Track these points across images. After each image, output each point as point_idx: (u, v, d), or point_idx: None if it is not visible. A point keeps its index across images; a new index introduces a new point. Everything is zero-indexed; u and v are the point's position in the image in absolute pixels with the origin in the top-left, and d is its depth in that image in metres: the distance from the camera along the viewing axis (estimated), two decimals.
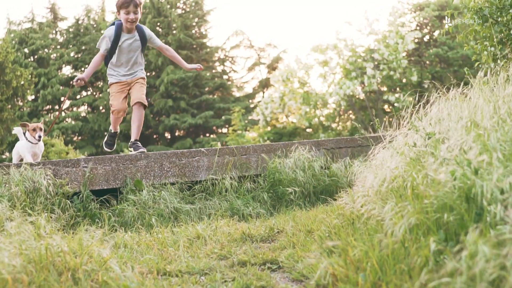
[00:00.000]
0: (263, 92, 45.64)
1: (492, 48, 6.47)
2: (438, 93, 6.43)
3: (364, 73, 27.79)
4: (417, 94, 6.45)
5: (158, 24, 42.74)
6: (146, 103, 7.79)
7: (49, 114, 43.34)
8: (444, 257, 2.69)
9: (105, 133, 42.21)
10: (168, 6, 42.89)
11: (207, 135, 42.22)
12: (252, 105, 43.84)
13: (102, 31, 44.03)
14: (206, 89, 42.48)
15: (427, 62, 29.89)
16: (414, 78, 27.23)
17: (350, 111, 31.80)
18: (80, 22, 45.13)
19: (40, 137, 7.40)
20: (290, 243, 4.50)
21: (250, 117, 40.02)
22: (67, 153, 21.79)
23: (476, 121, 3.73)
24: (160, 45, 7.87)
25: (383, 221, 3.41)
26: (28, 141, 7.45)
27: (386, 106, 31.28)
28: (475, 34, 6.68)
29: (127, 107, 7.79)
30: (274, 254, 4.19)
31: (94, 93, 43.67)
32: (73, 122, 41.03)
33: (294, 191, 7.32)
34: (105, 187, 6.86)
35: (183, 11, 44.60)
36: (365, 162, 8.09)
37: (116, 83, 7.73)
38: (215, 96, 42.66)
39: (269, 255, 4.16)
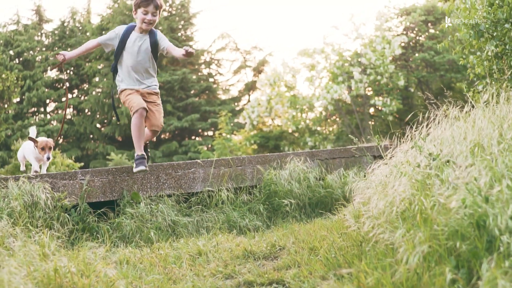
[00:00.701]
0: (249, 95, 45.68)
1: (487, 62, 6.54)
2: (435, 107, 6.51)
3: (351, 78, 27.89)
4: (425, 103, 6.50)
5: None
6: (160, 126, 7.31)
7: (34, 117, 43.16)
8: (458, 287, 2.73)
9: (91, 136, 42.37)
10: None
11: (193, 138, 42.20)
12: (237, 108, 43.87)
13: (87, 33, 43.96)
14: (192, 92, 42.46)
15: (413, 66, 30.02)
16: (401, 82, 27.38)
17: (336, 115, 31.86)
18: (65, 24, 44.97)
19: (49, 158, 7.04)
20: (294, 261, 4.53)
21: (236, 120, 40.04)
22: (54, 157, 21.67)
23: (482, 145, 3.78)
24: (168, 45, 6.95)
25: (392, 245, 3.45)
26: (36, 153, 7.17)
27: (372, 110, 31.42)
28: (471, 48, 6.75)
29: (144, 103, 6.82)
30: (279, 274, 4.23)
31: (80, 96, 43.55)
32: (58, 125, 40.81)
33: (290, 203, 7.36)
34: (102, 200, 6.86)
35: (169, 14, 44.57)
36: (362, 175, 8.18)
37: (126, 89, 6.97)
38: (201, 99, 42.64)
39: (274, 275, 4.19)
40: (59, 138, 9.13)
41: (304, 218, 7.28)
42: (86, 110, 42.78)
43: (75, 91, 43.83)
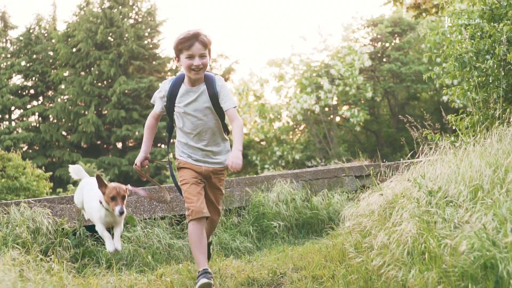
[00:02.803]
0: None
1: (470, 93, 6.87)
2: (415, 130, 6.83)
3: (320, 88, 28.32)
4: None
5: (111, 34, 42.61)
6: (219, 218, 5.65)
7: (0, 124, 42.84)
8: None
9: (57, 143, 42.15)
10: (121, 17, 42.81)
11: (159, 145, 42.23)
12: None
13: (53, 40, 43.77)
14: None
15: (380, 77, 30.56)
16: (369, 94, 27.90)
17: (304, 125, 32.26)
18: (31, 31, 44.70)
19: (122, 213, 5.05)
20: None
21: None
22: (25, 167, 21.64)
23: (482, 186, 4.09)
24: (229, 110, 5.17)
25: (403, 281, 3.73)
26: (105, 208, 5.22)
27: (338, 119, 31.89)
28: (454, 78, 7.09)
29: (206, 207, 5.17)
30: None
31: (45, 103, 43.33)
32: (25, 133, 40.54)
33: (279, 225, 7.63)
34: None
35: (136, 22, 44.58)
36: (345, 196, 8.50)
37: (184, 165, 5.37)
38: None
39: None
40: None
41: (291, 239, 7.55)
42: (51, 118, 42.56)
43: (41, 98, 43.58)
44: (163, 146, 41.36)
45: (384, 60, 31.14)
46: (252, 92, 31.55)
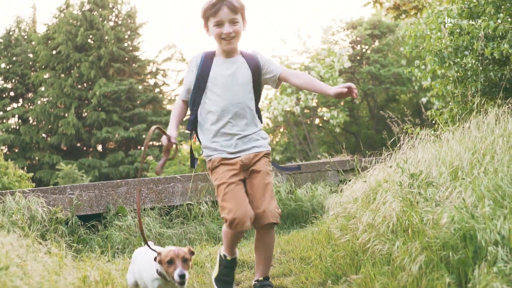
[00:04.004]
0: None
1: (449, 87, 7.15)
2: (396, 125, 7.09)
3: (300, 89, 28.61)
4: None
5: (91, 36, 42.63)
6: (279, 219, 4.42)
7: None
8: None
9: (37, 145, 42.07)
10: (101, 19, 42.85)
11: (139, 148, 42.31)
12: (184, 119, 44.12)
13: (33, 42, 43.71)
14: (139, 102, 42.58)
15: (360, 79, 30.91)
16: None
17: (284, 126, 32.54)
18: (11, 33, 44.59)
19: (183, 277, 3.73)
20: (288, 270, 5.05)
21: (182, 130, 40.31)
22: (7, 168, 21.69)
23: (462, 168, 4.36)
24: (283, 71, 4.61)
25: (388, 255, 3.99)
26: (162, 277, 3.95)
27: (317, 120, 32.21)
28: (434, 74, 7.36)
29: (251, 211, 4.29)
30: (278, 281, 4.73)
31: (25, 105, 43.22)
32: (5, 135, 40.42)
33: None
34: (89, 213, 7.25)
35: (116, 24, 44.64)
36: (328, 189, 8.76)
37: (219, 163, 4.48)
38: (148, 110, 42.78)
39: (274, 282, 4.68)
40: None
41: (277, 229, 7.78)
42: (31, 120, 42.47)
43: (21, 100, 43.48)
44: (143, 148, 41.35)
45: (364, 62, 31.51)
46: None
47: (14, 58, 43.38)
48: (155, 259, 3.90)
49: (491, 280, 3.01)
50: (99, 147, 43.08)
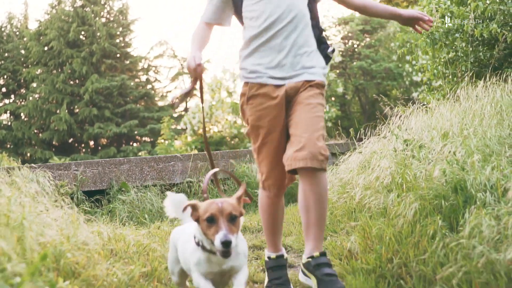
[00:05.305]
0: (186, 102, 46.16)
1: (441, 68, 7.44)
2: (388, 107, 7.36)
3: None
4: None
5: (83, 33, 42.70)
6: (326, 164, 3.50)
7: None
8: (445, 232, 3.55)
9: (29, 141, 42.13)
10: (93, 15, 42.94)
11: (131, 143, 42.43)
12: (175, 115, 44.30)
13: (24, 39, 43.75)
14: (131, 98, 42.70)
15: (351, 74, 31.16)
16: (340, 89, 28.48)
17: None
18: (2, 29, 44.61)
19: (227, 243, 2.74)
20: (288, 231, 5.34)
21: (173, 127, 40.45)
22: (1, 160, 21.82)
23: (452, 131, 4.65)
24: None
25: (384, 209, 4.27)
26: (201, 247, 2.99)
27: None
28: (426, 54, 7.65)
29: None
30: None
31: (17, 101, 43.28)
32: None
33: None
34: (93, 189, 7.50)
35: (108, 20, 44.73)
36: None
37: (256, 92, 3.72)
38: (140, 106, 42.90)
39: None
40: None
41: None
42: (23, 116, 42.52)
43: (12, 96, 43.51)
44: (135, 144, 41.58)
45: (355, 57, 31.75)
46: (225, 89, 31.95)
47: (6, 54, 43.40)
48: (190, 215, 2.98)
49: (481, 219, 3.28)
50: (91, 143, 43.16)
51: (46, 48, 42.44)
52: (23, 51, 43.68)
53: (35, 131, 42.27)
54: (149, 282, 3.77)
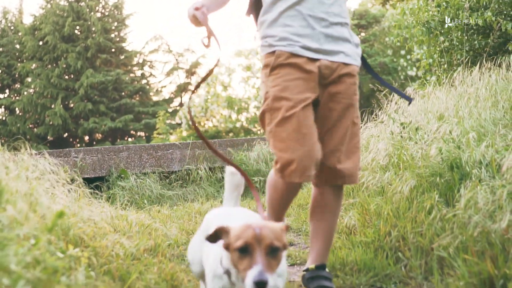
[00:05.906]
0: (181, 97, 46.17)
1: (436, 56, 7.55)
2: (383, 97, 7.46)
3: None
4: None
5: (78, 27, 42.68)
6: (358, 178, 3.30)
7: None
8: (441, 207, 3.65)
9: (24, 136, 42.12)
10: (88, 10, 42.93)
11: (126, 138, 42.44)
12: (170, 110, 44.31)
13: (19, 33, 43.72)
14: (126, 92, 42.68)
15: None
16: None
17: None
18: None
19: (264, 285, 2.04)
20: (286, 213, 5.43)
21: (168, 121, 40.44)
22: None
23: (449, 113, 4.76)
24: None
25: (381, 188, 4.38)
26: (227, 274, 2.35)
27: None
28: (422, 43, 7.76)
29: (319, 152, 3.10)
30: None
31: (12, 96, 43.26)
32: None
33: (260, 180, 8.24)
34: (93, 176, 7.59)
35: (103, 15, 44.71)
36: None
37: (285, 61, 3.12)
38: (135, 100, 42.88)
39: None
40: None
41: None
42: (18, 111, 42.51)
43: (7, 91, 43.49)
44: (130, 139, 41.61)
45: None
46: (220, 83, 32.02)
47: (1, 49, 43.33)
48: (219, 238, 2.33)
49: (476, 192, 3.38)
50: (86, 138, 43.16)
51: (41, 43, 42.39)
52: (18, 46, 43.62)
53: (30, 125, 42.25)
54: (153, 256, 3.88)
